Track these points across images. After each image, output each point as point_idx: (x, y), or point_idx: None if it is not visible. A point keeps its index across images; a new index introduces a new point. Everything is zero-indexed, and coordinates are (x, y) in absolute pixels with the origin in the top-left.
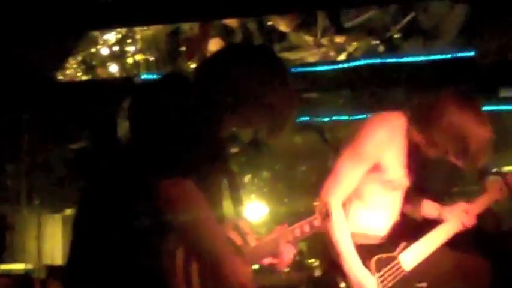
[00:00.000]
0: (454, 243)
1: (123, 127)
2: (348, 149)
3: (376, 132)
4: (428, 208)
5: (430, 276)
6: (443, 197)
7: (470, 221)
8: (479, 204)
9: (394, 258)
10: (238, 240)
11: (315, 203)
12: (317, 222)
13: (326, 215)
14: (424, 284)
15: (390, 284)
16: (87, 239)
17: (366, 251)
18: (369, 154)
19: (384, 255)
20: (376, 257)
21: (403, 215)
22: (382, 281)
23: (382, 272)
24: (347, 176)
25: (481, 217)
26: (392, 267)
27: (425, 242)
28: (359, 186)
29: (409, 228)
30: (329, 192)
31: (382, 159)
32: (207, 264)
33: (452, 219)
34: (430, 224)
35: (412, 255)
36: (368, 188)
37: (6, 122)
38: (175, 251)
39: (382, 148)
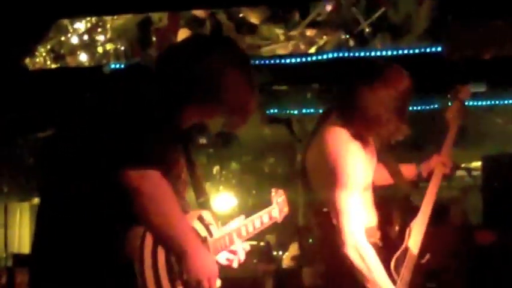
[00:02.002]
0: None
1: (87, 120)
2: (340, 182)
3: (350, 154)
4: (405, 171)
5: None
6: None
7: (449, 170)
8: (448, 143)
9: (406, 249)
10: (202, 232)
11: (272, 192)
12: (275, 213)
13: (283, 205)
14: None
15: (408, 278)
16: (53, 228)
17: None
18: (359, 176)
19: (398, 253)
20: (394, 259)
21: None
22: (401, 280)
23: (401, 273)
24: (355, 206)
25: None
26: (408, 261)
27: (421, 216)
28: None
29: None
30: (351, 231)
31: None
32: (173, 253)
33: (434, 176)
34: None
35: (415, 236)
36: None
37: None
38: (144, 237)
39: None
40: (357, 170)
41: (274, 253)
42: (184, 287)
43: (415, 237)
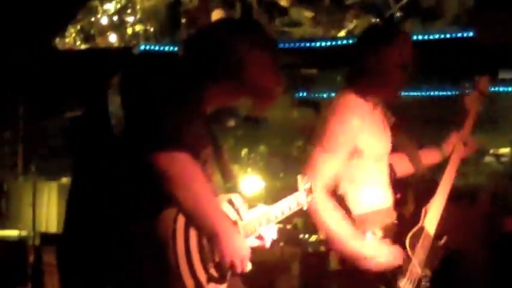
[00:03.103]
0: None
1: (115, 101)
2: (321, 142)
3: (346, 121)
4: (428, 156)
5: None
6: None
7: (471, 149)
8: (467, 129)
9: (422, 229)
10: (232, 215)
11: (299, 179)
12: (302, 199)
13: (310, 191)
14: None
15: (423, 257)
16: (84, 209)
17: (387, 230)
18: (343, 144)
19: (413, 230)
20: (409, 237)
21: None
22: (416, 257)
23: (416, 252)
24: (325, 168)
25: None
26: (423, 240)
27: (438, 197)
28: (346, 171)
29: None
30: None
31: (358, 142)
32: (204, 235)
33: (453, 157)
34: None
35: (431, 217)
36: (356, 170)
37: (4, 89)
38: (176, 219)
39: (355, 134)
40: (346, 133)
41: (301, 236)
42: (216, 268)
43: (431, 218)
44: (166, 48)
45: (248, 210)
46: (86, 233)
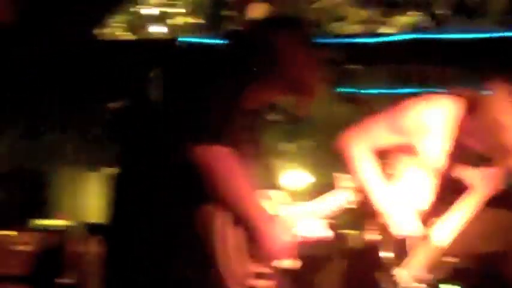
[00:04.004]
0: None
1: (157, 95)
2: (388, 114)
3: (419, 114)
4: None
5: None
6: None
7: (496, 186)
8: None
9: (425, 237)
10: (273, 211)
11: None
12: (344, 198)
13: (352, 189)
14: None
15: (423, 262)
16: (127, 201)
17: None
18: (403, 129)
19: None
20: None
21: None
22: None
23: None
24: (378, 132)
25: None
26: (426, 249)
27: (455, 215)
28: (394, 164)
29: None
30: (356, 135)
31: (417, 141)
32: (244, 229)
33: (480, 185)
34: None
35: (443, 229)
36: (406, 168)
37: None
38: (215, 215)
39: (421, 132)
40: None
41: (342, 231)
42: (257, 264)
43: (442, 232)
44: (209, 41)
45: (290, 206)
46: (129, 225)
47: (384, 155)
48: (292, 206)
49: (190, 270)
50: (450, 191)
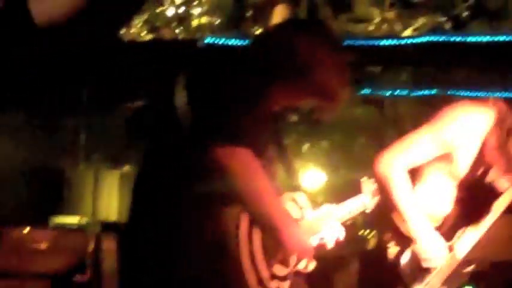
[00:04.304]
0: None
1: (181, 95)
2: (431, 127)
3: (458, 121)
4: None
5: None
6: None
7: None
8: None
9: (451, 248)
10: (296, 214)
11: (363, 180)
12: (366, 202)
13: (374, 194)
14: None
15: (443, 275)
16: (147, 201)
17: None
18: (448, 142)
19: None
20: None
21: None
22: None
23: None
24: (420, 150)
25: None
26: (449, 260)
27: (479, 226)
28: (425, 169)
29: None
30: (395, 155)
31: (456, 151)
32: (267, 231)
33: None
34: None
35: (466, 242)
36: (432, 173)
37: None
38: (239, 218)
39: (459, 139)
40: None
41: (360, 233)
42: (280, 266)
43: (464, 244)
44: (232, 42)
45: (312, 209)
46: (149, 224)
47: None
48: (313, 209)
49: (210, 271)
50: (476, 199)
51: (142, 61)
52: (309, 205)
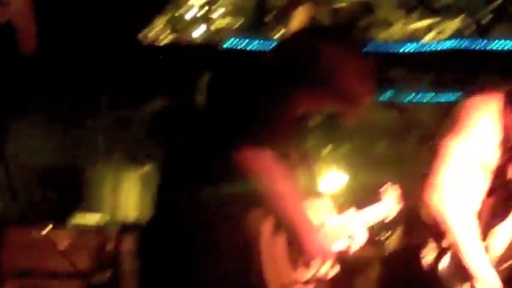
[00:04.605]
0: None
1: (203, 98)
2: (453, 134)
3: (479, 114)
4: None
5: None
6: None
7: None
8: None
9: (486, 249)
10: (318, 219)
11: (385, 188)
12: (388, 209)
13: (397, 201)
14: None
15: None
16: (171, 202)
17: None
18: (474, 135)
19: None
20: None
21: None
22: None
23: None
24: (458, 160)
25: None
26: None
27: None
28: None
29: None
30: (443, 180)
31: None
32: (290, 235)
33: None
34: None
35: (500, 240)
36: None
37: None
38: (263, 220)
39: (484, 130)
40: None
41: (378, 237)
42: (302, 270)
43: (497, 242)
44: (252, 44)
45: (336, 214)
46: (171, 225)
47: None
48: (337, 214)
49: (232, 275)
50: (508, 192)
51: (164, 62)
52: (332, 210)
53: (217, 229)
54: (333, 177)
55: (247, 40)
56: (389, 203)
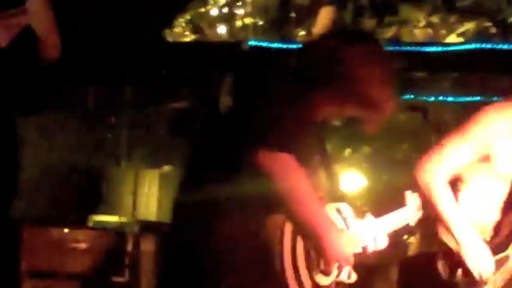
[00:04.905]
0: None
1: (226, 99)
2: (460, 133)
3: (492, 123)
4: None
5: None
6: None
7: None
8: None
9: (507, 258)
10: (340, 224)
11: (407, 195)
12: (409, 216)
13: (418, 208)
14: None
15: (500, 285)
16: (191, 203)
17: None
18: (481, 144)
19: (498, 257)
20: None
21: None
22: (492, 284)
23: (495, 276)
24: (454, 157)
25: None
26: (505, 269)
27: None
28: (468, 175)
29: None
30: (435, 165)
31: (494, 150)
32: (309, 239)
33: None
34: None
35: None
36: (477, 177)
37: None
38: (283, 226)
39: (495, 139)
40: None
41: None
42: (322, 275)
43: None
44: (275, 45)
45: (356, 220)
46: (192, 228)
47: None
48: (357, 219)
49: (252, 279)
50: None
51: (186, 61)
52: (353, 215)
53: (238, 232)
54: (353, 180)
55: (269, 41)
56: (411, 210)
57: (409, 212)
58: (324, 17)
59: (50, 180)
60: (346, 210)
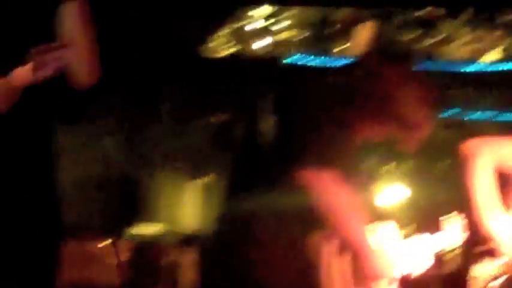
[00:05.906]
0: None
1: (267, 119)
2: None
3: None
4: None
5: None
6: None
7: None
8: None
9: None
10: (384, 243)
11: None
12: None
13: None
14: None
15: None
16: (233, 217)
17: None
18: None
19: None
20: None
21: None
22: None
23: None
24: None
25: None
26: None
27: None
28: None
29: None
30: (486, 146)
31: None
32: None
33: None
34: None
35: None
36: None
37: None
38: (324, 242)
39: None
40: None
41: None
42: None
43: None
44: (314, 61)
45: (401, 239)
46: (232, 238)
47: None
48: (400, 239)
49: None
50: None
51: (225, 75)
52: (398, 234)
53: (279, 248)
54: (395, 196)
55: (308, 56)
56: (455, 233)
57: (453, 235)
58: (363, 33)
59: (88, 191)
60: (390, 229)
